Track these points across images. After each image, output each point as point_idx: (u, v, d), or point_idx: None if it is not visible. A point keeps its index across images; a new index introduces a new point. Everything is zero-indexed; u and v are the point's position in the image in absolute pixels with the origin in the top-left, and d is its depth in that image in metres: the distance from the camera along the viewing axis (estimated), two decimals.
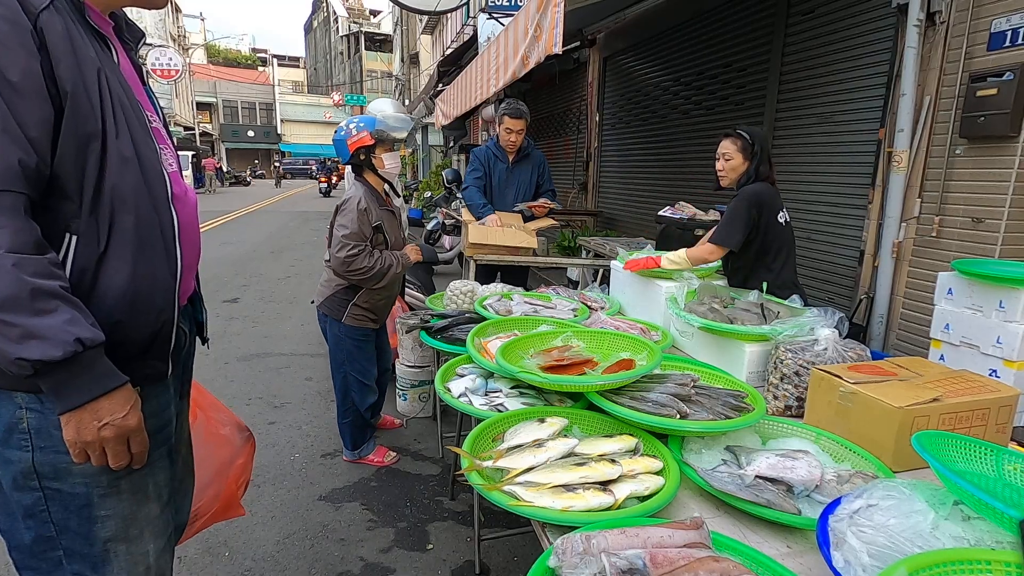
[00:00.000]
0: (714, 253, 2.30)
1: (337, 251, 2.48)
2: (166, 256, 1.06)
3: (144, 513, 1.10)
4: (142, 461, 1.04)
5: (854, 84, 3.34)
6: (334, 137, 2.67)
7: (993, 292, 1.98)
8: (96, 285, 0.97)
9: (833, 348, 1.56)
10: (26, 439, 0.97)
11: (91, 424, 0.94)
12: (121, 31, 1.13)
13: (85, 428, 0.94)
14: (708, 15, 4.76)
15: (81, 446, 0.95)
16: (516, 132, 3.58)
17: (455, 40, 14.94)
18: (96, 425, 0.94)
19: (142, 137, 1.03)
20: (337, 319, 2.65)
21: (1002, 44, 2.43)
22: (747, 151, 2.39)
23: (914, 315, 2.85)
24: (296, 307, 5.97)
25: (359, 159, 2.62)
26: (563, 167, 8.20)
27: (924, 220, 2.78)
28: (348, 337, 2.68)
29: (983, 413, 1.28)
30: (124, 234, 0.99)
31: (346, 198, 2.59)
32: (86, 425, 0.94)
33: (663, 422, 1.25)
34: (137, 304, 1.01)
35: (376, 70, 39.09)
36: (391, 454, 2.95)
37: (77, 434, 0.94)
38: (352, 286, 2.62)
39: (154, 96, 1.20)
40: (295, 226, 13.20)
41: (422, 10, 9.92)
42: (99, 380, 0.94)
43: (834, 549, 0.86)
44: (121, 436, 0.97)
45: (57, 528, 1.02)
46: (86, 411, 0.93)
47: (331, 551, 2.26)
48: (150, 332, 1.05)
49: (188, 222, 1.13)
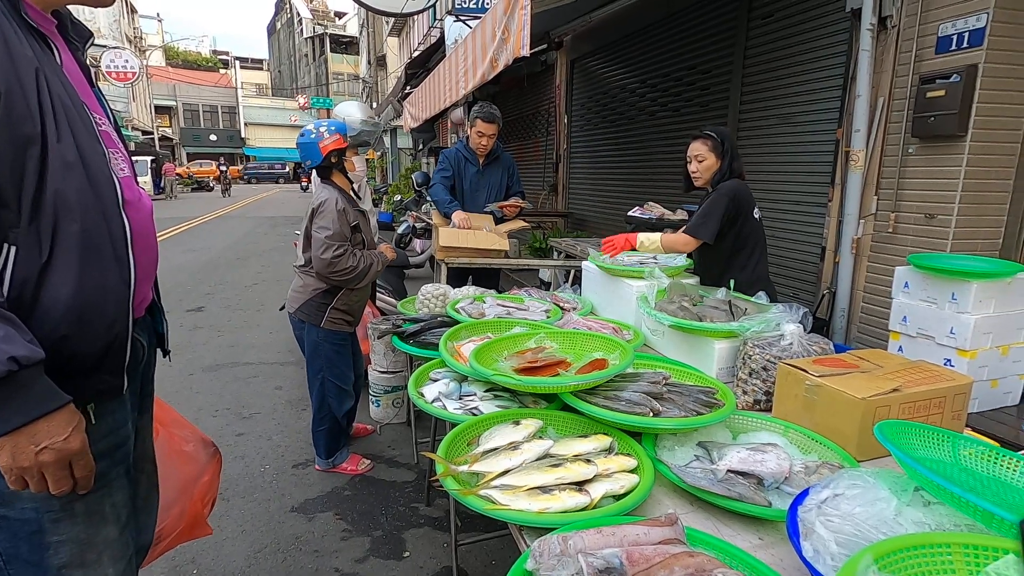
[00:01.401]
0: (688, 244, 2.40)
1: (321, 253, 2.46)
2: (117, 265, 1.00)
3: (102, 536, 1.04)
4: (87, 486, 0.97)
5: (813, 86, 3.45)
6: (299, 140, 2.62)
7: (946, 285, 2.07)
8: (39, 298, 0.91)
9: (798, 343, 1.60)
10: None
11: (28, 448, 0.87)
12: (66, 30, 1.08)
13: (21, 453, 0.87)
14: (672, 18, 4.85)
15: (18, 472, 0.88)
16: (488, 136, 3.57)
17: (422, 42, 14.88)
18: (33, 450, 0.87)
19: (88, 141, 0.97)
20: (316, 324, 2.61)
21: (949, 48, 2.54)
22: (718, 150, 2.45)
23: (873, 308, 2.96)
24: (264, 315, 5.83)
25: (330, 162, 2.61)
26: (533, 169, 8.23)
27: (881, 217, 2.89)
28: (327, 342, 2.65)
29: (940, 401, 1.33)
30: (69, 242, 0.93)
31: (321, 200, 2.55)
32: (22, 450, 0.87)
33: (636, 420, 1.27)
34: (85, 316, 0.95)
35: (342, 72, 38.58)
36: (365, 462, 2.91)
37: (12, 460, 0.87)
38: (330, 290, 2.59)
39: (103, 98, 1.15)
40: (262, 232, 12.90)
41: (388, 12, 9.83)
42: (36, 401, 0.87)
43: (803, 539, 0.88)
44: (62, 460, 0.90)
45: (4, 559, 0.96)
46: (22, 435, 0.86)
47: (304, 563, 2.21)
48: (102, 345, 0.99)
49: (142, 229, 1.08)
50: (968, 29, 2.46)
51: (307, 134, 2.60)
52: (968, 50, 2.46)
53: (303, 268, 2.64)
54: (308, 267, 2.59)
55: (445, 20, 7.86)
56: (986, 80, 2.44)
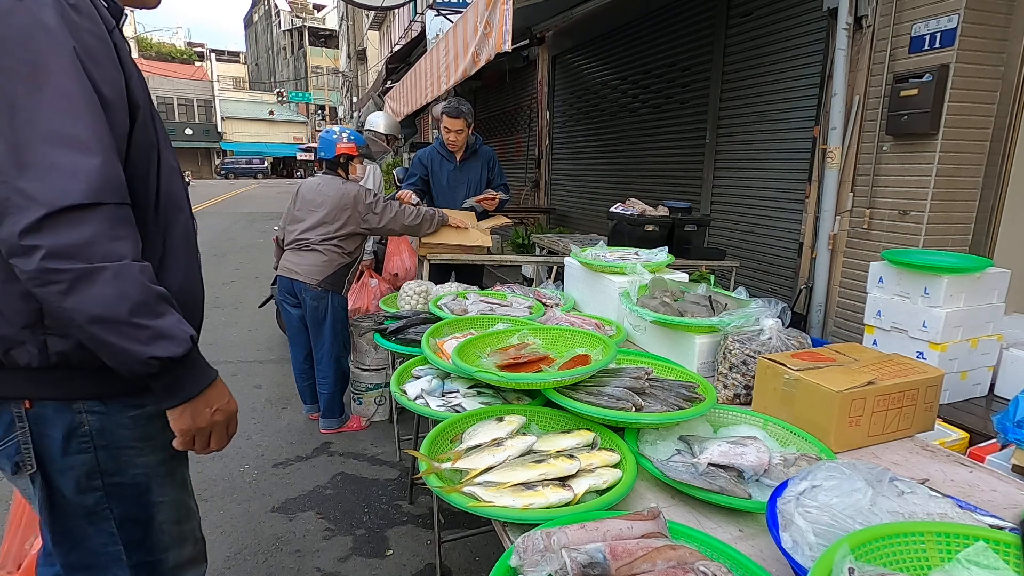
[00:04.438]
0: None
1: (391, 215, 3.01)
2: (198, 256, 1.18)
3: (186, 498, 1.21)
4: (225, 444, 1.13)
5: (790, 84, 3.50)
6: (322, 136, 3.11)
7: (918, 279, 2.12)
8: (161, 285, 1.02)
9: (777, 337, 1.62)
10: (87, 441, 1.03)
11: (204, 411, 1.03)
12: None
13: (200, 415, 1.03)
14: (653, 15, 4.88)
15: (193, 433, 1.04)
16: (455, 132, 3.53)
17: (403, 36, 14.73)
18: (209, 412, 1.04)
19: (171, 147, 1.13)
20: (339, 292, 3.04)
21: (922, 47, 2.60)
22: None
23: (849, 303, 3.02)
24: (242, 312, 5.73)
25: (339, 161, 3.05)
26: (515, 165, 8.22)
27: (856, 213, 2.95)
28: (342, 308, 3.08)
29: (913, 393, 1.36)
30: (176, 237, 1.09)
31: (344, 192, 2.94)
32: (200, 412, 1.03)
33: (619, 415, 1.27)
34: (188, 301, 1.10)
35: (322, 66, 38.03)
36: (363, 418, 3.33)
37: (193, 422, 1.02)
38: (350, 263, 3.05)
39: None
40: (240, 228, 12.68)
41: (368, 5, 9.71)
42: (205, 372, 1.03)
43: (782, 530, 0.90)
44: (229, 419, 1.09)
45: (118, 522, 1.08)
46: (199, 400, 1.02)
47: (286, 564, 2.19)
48: (196, 326, 1.12)
49: None
50: (940, 29, 2.52)
51: (330, 133, 3.09)
52: (940, 50, 2.52)
53: (326, 244, 2.95)
54: (330, 243, 2.95)
55: (426, 14, 7.78)
56: (957, 80, 2.50)
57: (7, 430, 1.01)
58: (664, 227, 3.14)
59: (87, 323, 0.88)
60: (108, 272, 0.88)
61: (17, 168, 0.84)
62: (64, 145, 0.86)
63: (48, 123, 0.85)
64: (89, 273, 0.86)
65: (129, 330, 0.90)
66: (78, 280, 0.86)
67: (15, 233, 0.83)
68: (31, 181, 0.84)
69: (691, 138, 4.48)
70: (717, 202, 4.25)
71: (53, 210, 0.84)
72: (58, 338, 0.96)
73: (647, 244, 2.71)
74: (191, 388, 1.00)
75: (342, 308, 3.08)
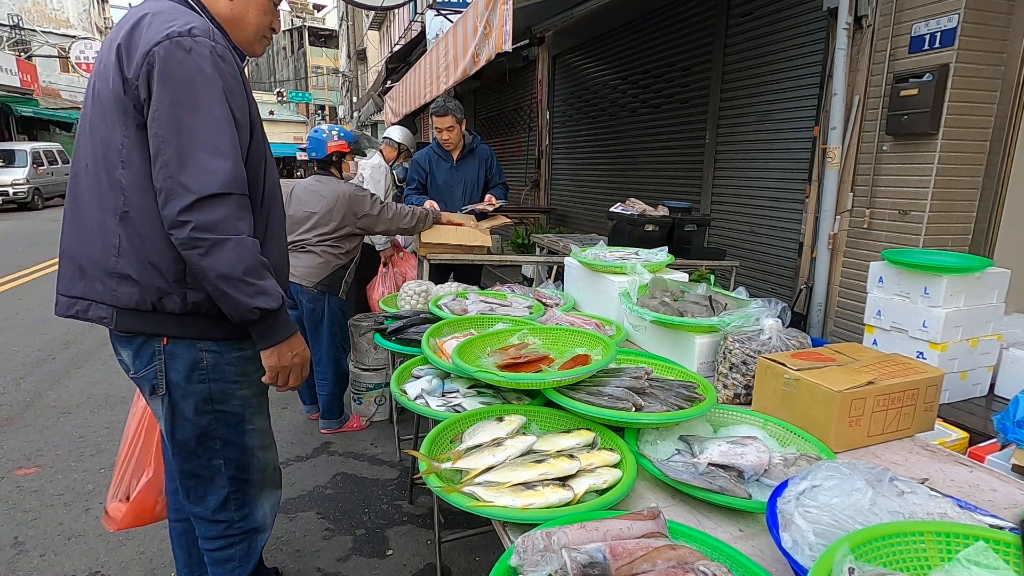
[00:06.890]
0: None
1: (388, 217, 3.02)
2: (286, 238, 1.53)
3: (268, 427, 1.55)
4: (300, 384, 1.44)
5: (790, 83, 3.50)
6: (311, 135, 3.06)
7: (918, 279, 2.12)
8: None
9: (777, 337, 1.62)
10: (205, 374, 1.36)
11: (288, 355, 1.36)
12: None
13: (284, 356, 1.35)
14: (653, 15, 4.88)
15: (278, 370, 1.36)
16: (446, 130, 3.51)
17: (403, 36, 14.73)
18: (291, 355, 1.36)
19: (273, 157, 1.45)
20: (335, 294, 3.04)
21: (922, 47, 2.60)
22: None
23: (849, 303, 3.02)
24: None
25: (331, 160, 3.04)
26: (515, 165, 8.22)
27: (856, 213, 2.95)
28: (340, 309, 3.09)
29: (913, 393, 1.36)
30: (273, 224, 1.43)
31: (339, 192, 2.92)
32: (284, 354, 1.35)
33: (619, 415, 1.27)
34: (279, 274, 1.41)
35: (321, 66, 38.03)
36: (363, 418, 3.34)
37: (279, 360, 1.35)
38: (347, 264, 3.03)
39: None
40: None
41: (368, 5, 9.71)
42: (288, 324, 1.35)
43: (782, 530, 0.90)
44: (304, 363, 1.41)
45: (221, 442, 1.42)
46: (285, 345, 1.34)
47: (286, 564, 2.18)
48: (284, 290, 1.40)
49: None
50: (940, 29, 2.51)
51: (319, 132, 3.05)
52: (940, 50, 2.52)
53: (322, 244, 2.92)
54: (325, 244, 2.92)
55: (426, 14, 7.79)
56: (957, 79, 2.50)
57: (150, 360, 1.33)
58: (664, 227, 3.14)
59: (215, 278, 1.21)
60: (232, 242, 1.20)
61: (180, 167, 1.17)
62: (211, 152, 1.19)
63: (202, 137, 1.19)
64: (221, 242, 1.19)
65: (242, 285, 1.22)
66: (213, 246, 1.19)
67: (175, 211, 1.17)
68: (188, 176, 1.17)
69: (691, 138, 4.48)
70: (717, 202, 4.25)
71: (201, 196, 1.17)
72: (194, 291, 1.28)
73: (647, 244, 2.71)
74: (279, 334, 1.32)
75: (339, 309, 3.08)
